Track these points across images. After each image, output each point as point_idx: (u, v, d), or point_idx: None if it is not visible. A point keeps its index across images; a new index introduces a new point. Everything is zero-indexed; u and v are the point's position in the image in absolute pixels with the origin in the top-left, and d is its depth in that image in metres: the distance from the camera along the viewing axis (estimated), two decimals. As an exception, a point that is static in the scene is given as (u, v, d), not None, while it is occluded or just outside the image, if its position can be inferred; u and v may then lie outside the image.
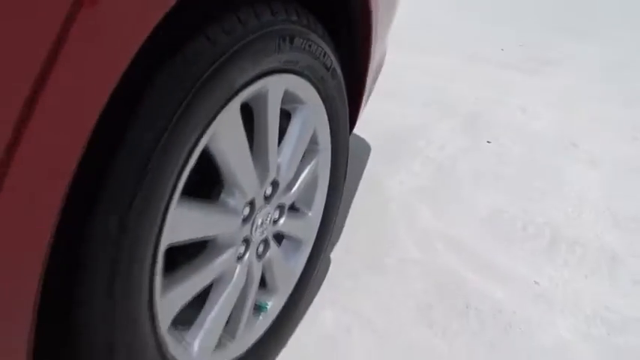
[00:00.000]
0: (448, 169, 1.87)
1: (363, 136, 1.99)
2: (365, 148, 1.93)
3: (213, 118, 0.67)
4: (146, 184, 0.60)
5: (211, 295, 0.84)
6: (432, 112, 2.26)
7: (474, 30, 3.45)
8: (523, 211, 1.69)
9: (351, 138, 1.91)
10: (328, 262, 1.39)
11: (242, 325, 0.94)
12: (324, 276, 1.35)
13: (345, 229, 1.53)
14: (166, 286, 0.71)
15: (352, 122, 1.25)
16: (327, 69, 0.92)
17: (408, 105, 2.29)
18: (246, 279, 0.91)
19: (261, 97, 0.79)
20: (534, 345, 1.24)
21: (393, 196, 1.70)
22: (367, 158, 1.89)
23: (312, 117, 0.95)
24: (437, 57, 2.90)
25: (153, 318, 0.68)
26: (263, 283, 1.02)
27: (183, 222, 0.69)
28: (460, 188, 1.78)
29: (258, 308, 1.02)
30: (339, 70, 0.97)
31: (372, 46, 1.04)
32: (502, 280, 1.41)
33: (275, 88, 0.80)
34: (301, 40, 0.80)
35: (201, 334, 0.82)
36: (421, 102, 2.34)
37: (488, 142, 2.05)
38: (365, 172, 1.81)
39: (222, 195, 0.79)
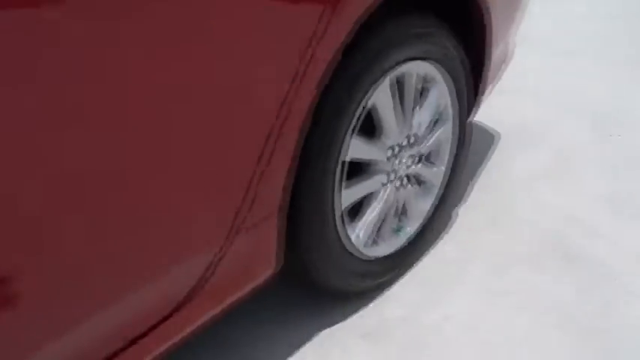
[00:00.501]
0: (571, 157, 2.10)
1: (496, 125, 2.31)
2: (496, 135, 2.26)
3: (374, 85, 1.15)
4: (341, 119, 1.09)
5: (368, 204, 1.32)
6: (564, 108, 2.48)
7: (608, 34, 3.43)
8: (635, 195, 1.87)
9: (484, 126, 2.25)
10: (455, 215, 1.77)
11: (389, 234, 1.41)
12: (450, 223, 1.73)
13: (472, 194, 1.89)
14: (345, 187, 1.21)
15: (476, 105, 1.63)
16: (452, 59, 1.34)
17: (541, 102, 2.54)
18: (391, 200, 1.36)
19: (405, 76, 1.25)
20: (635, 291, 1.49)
21: (516, 174, 2.00)
22: (498, 143, 2.21)
23: (441, 94, 1.38)
24: (573, 60, 3.02)
25: (335, 201, 1.18)
26: (403, 211, 1.46)
27: (356, 146, 1.18)
28: (579, 173, 1.99)
29: (399, 228, 1.46)
30: (462, 60, 1.38)
31: (490, 42, 1.42)
32: (607, 243, 1.65)
33: (413, 70, 1.26)
34: (431, 38, 1.24)
35: (363, 228, 1.31)
36: (555, 100, 2.57)
37: (610, 135, 2.23)
38: (494, 153, 2.13)
39: (379, 137, 1.26)
